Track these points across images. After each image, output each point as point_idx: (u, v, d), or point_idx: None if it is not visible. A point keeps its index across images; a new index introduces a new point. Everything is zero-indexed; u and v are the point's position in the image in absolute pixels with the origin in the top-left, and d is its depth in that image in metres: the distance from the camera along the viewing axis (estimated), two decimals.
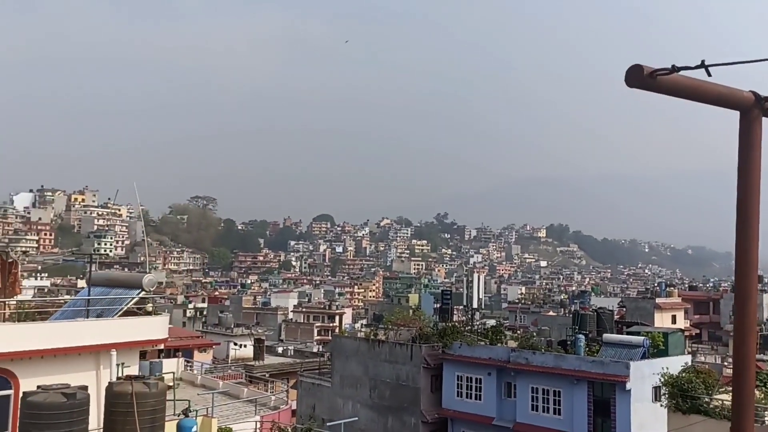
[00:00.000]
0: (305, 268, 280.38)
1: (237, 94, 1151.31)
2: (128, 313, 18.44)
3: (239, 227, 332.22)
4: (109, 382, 13.91)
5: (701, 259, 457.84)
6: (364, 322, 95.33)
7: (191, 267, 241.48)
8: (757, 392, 24.60)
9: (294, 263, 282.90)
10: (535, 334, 43.35)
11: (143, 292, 18.29)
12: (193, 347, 48.69)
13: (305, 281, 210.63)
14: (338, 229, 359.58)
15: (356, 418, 29.47)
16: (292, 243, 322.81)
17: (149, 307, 18.61)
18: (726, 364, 55.78)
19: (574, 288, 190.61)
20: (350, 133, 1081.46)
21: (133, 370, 17.69)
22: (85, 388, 13.39)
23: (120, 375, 15.14)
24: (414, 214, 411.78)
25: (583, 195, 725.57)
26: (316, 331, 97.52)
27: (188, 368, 35.05)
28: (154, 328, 18.11)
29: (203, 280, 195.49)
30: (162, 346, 22.83)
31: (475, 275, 40.29)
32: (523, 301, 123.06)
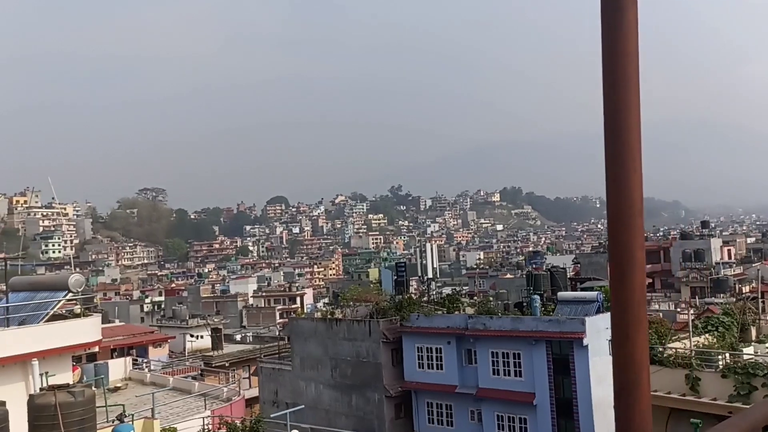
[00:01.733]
0: (263, 252, 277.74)
1: (179, 84, 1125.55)
2: (57, 317, 17.33)
3: (192, 216, 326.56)
4: (30, 394, 12.90)
5: (650, 209, 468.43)
6: (326, 300, 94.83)
7: (146, 261, 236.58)
8: (709, 337, 24.87)
9: (251, 248, 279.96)
10: (491, 298, 43.30)
11: (70, 294, 17.15)
12: (147, 343, 47.34)
13: (264, 265, 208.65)
14: (293, 210, 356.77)
15: (302, 407, 28.81)
16: (248, 228, 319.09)
17: (78, 308, 17.48)
18: (678, 310, 57.17)
19: (530, 249, 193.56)
20: (298, 113, 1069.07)
21: (66, 377, 16.63)
22: (3, 403, 12.38)
23: (44, 385, 14.10)
24: (368, 188, 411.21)
25: (533, 156, 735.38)
26: (278, 314, 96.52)
27: (141, 366, 33.87)
28: (85, 330, 17.05)
29: (159, 273, 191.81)
30: (97, 348, 21.70)
31: (428, 245, 40.15)
32: (480, 266, 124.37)
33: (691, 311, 49.59)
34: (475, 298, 51.48)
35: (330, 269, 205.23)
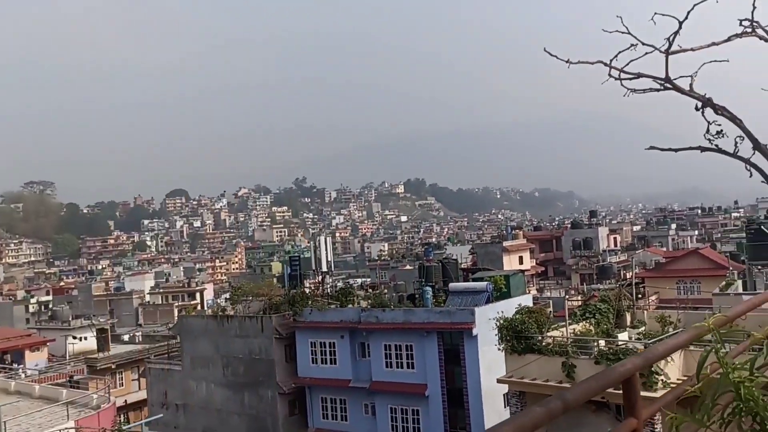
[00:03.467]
0: (162, 247, 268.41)
1: (65, 68, 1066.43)
2: None
3: (84, 211, 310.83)
4: None
5: (547, 200, 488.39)
6: (227, 296, 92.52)
7: (33, 258, 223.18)
8: (586, 324, 25.62)
9: (149, 243, 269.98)
10: (386, 291, 43.27)
11: None
12: (23, 347, 44.28)
13: (163, 261, 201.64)
14: (194, 203, 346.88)
15: (160, 416, 27.65)
16: (146, 222, 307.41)
17: None
18: (568, 297, 59.42)
19: (433, 240, 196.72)
20: (200, 104, 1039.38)
21: None
22: None
23: None
24: (272, 180, 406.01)
25: (437, 149, 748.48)
26: (176, 311, 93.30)
27: (11, 374, 31.43)
28: None
29: (47, 271, 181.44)
30: None
31: (321, 237, 39.51)
32: (383, 258, 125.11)
33: (579, 297, 51.92)
34: (376, 290, 51.43)
35: (233, 263, 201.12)
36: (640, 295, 55.94)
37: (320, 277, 42.60)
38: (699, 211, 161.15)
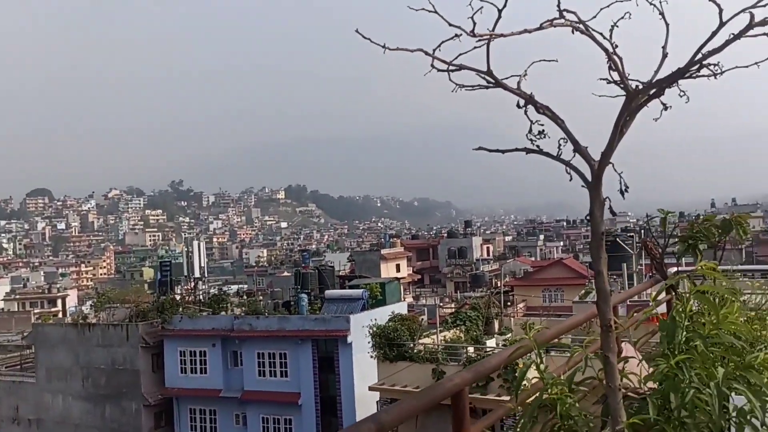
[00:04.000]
0: (20, 250, 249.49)
1: None
2: None
3: None
4: None
5: (426, 209, 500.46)
6: (92, 303, 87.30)
7: None
8: (456, 331, 26.29)
9: (6, 245, 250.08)
10: (261, 298, 42.45)
11: None
12: None
13: (21, 264, 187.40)
14: (58, 203, 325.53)
15: None
16: (3, 223, 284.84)
17: None
18: (441, 304, 60.95)
19: (313, 246, 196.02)
20: (68, 97, 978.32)
21: None
22: None
23: None
24: (146, 182, 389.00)
25: (319, 156, 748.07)
26: (33, 318, 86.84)
27: None
28: None
29: None
30: None
31: (195, 242, 38.13)
32: (260, 264, 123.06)
33: (453, 305, 53.28)
34: (252, 297, 50.31)
35: (100, 268, 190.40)
36: (509, 303, 58.42)
37: (192, 283, 41.09)
38: (565, 224, 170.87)
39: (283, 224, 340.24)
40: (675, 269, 5.89)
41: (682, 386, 1.98)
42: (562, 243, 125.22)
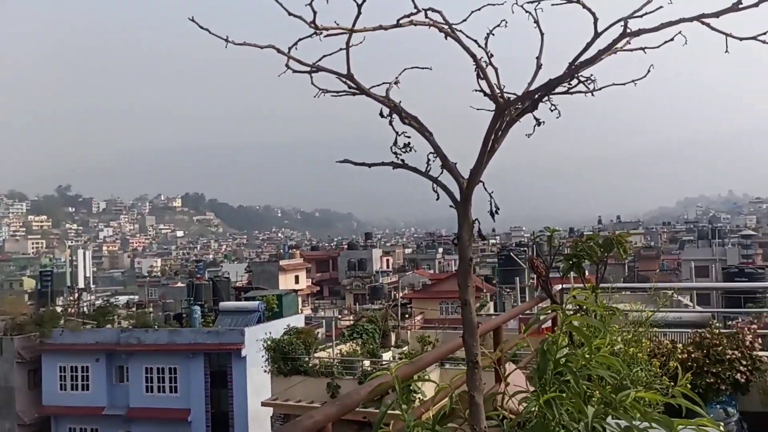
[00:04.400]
0: None
1: None
2: None
3: None
4: None
5: (327, 220, 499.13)
6: None
7: None
8: (352, 344, 26.07)
9: None
10: (150, 311, 40.64)
11: None
12: None
13: None
14: None
15: None
16: None
17: None
18: (340, 316, 60.62)
19: (211, 257, 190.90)
20: None
21: None
22: None
23: None
24: (29, 187, 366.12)
25: (218, 163, 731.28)
26: None
27: None
28: None
29: None
30: None
31: (80, 251, 35.81)
32: (153, 274, 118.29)
33: (351, 317, 53.03)
34: (142, 309, 48.05)
35: None
36: (407, 315, 58.95)
37: (76, 294, 38.75)
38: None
39: (179, 233, 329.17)
40: (560, 286, 5.94)
41: (552, 426, 1.86)
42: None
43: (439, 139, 2.19)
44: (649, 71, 2.04)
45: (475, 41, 2.01)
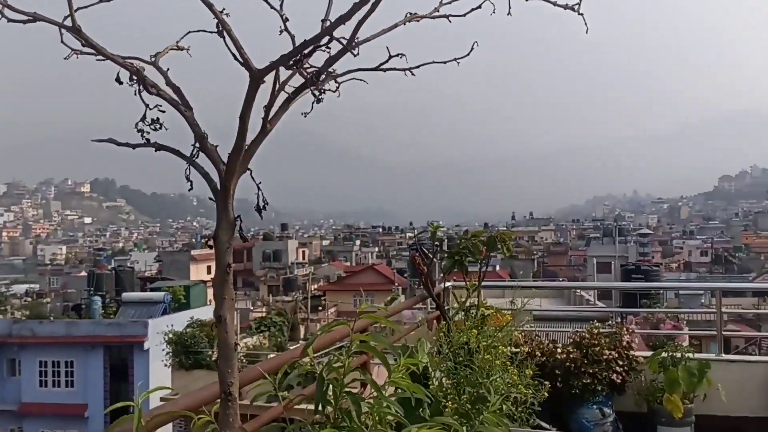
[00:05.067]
0: None
1: None
2: None
3: None
4: None
5: (245, 210, 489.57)
6: None
7: None
8: (260, 338, 25.58)
9: None
10: (48, 300, 38.62)
11: None
12: None
13: None
14: None
15: None
16: None
17: None
18: (252, 308, 59.68)
19: (121, 245, 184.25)
20: None
21: None
22: None
23: None
24: None
25: (129, 149, 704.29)
26: None
27: None
28: None
29: None
30: None
31: None
32: (55, 263, 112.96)
33: (264, 309, 52.27)
34: (41, 298, 45.64)
35: None
36: (320, 308, 58.65)
37: None
38: (381, 230, 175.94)
39: (87, 219, 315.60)
40: (445, 284, 5.80)
41: None
42: (377, 249, 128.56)
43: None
44: (472, 49, 1.83)
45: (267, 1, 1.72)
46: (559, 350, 5.59)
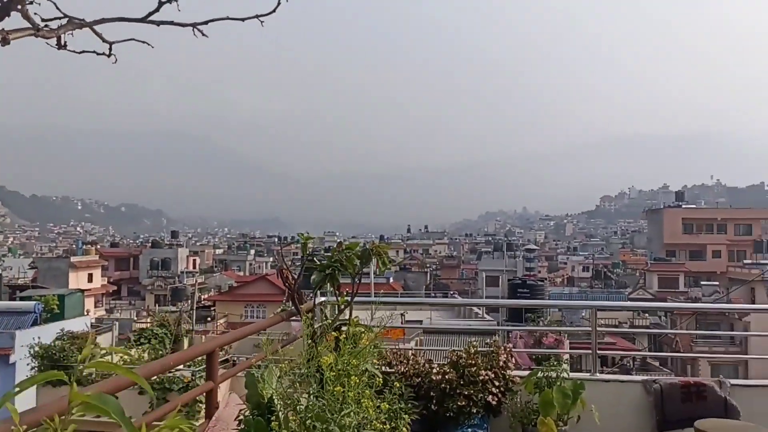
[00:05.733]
0: None
1: None
2: None
3: None
4: None
5: (135, 216, 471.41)
6: None
7: None
8: (139, 350, 24.13)
9: None
10: None
11: None
12: None
13: None
14: None
15: None
16: None
17: None
18: (137, 319, 56.86)
19: None
20: None
21: None
22: None
23: None
24: None
25: (7, 148, 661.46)
26: None
27: None
28: None
29: None
30: None
31: None
32: None
33: (149, 319, 49.89)
34: None
35: None
36: (209, 319, 56.75)
37: None
38: (276, 239, 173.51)
39: None
40: (315, 300, 5.42)
41: None
42: (272, 258, 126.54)
43: None
44: (278, 6, 1.51)
45: None
46: (435, 370, 5.35)
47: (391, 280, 57.32)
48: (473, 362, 5.29)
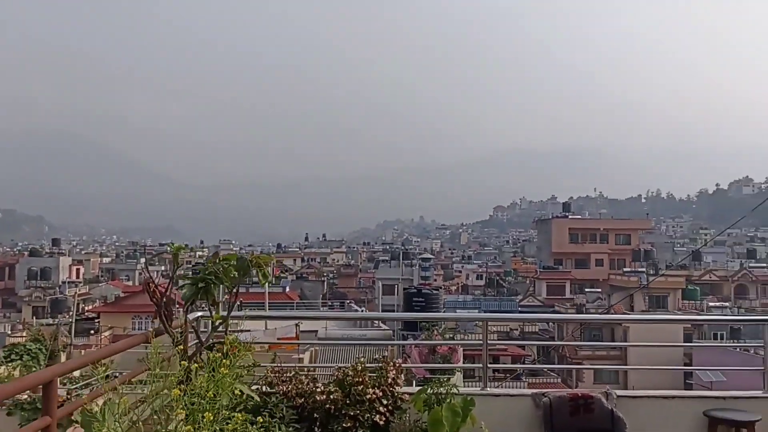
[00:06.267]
0: None
1: None
2: None
3: None
4: None
5: (12, 222, 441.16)
6: None
7: None
8: (8, 368, 22.29)
9: None
10: None
11: None
12: None
13: None
14: None
15: None
16: None
17: None
18: (11, 333, 53.04)
19: None
20: None
21: None
22: None
23: None
24: None
25: None
26: None
27: None
28: None
29: None
30: None
31: None
32: None
33: (25, 333, 46.50)
34: None
35: None
36: (93, 331, 53.68)
37: None
38: (168, 248, 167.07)
39: None
40: (187, 316, 4.96)
41: None
42: (164, 267, 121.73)
43: None
44: None
45: None
46: (319, 389, 5.01)
47: (287, 289, 56.41)
48: (360, 380, 4.99)
